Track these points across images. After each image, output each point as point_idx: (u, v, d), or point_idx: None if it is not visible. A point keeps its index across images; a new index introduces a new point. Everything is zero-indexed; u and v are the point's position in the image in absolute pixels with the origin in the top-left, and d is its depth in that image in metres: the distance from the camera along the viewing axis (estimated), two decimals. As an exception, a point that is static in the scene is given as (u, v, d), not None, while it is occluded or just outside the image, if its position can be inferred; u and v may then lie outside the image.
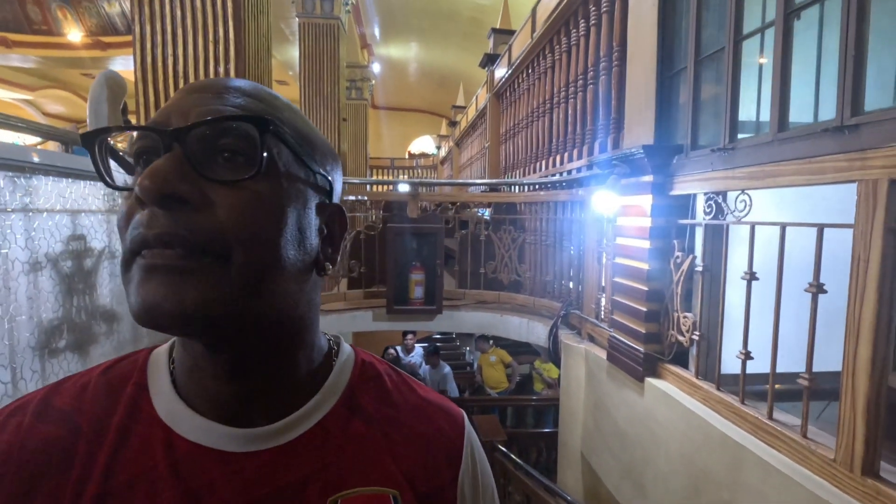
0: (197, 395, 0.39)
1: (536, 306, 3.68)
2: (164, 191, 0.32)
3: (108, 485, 0.35)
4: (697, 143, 1.89)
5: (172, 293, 0.32)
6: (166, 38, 2.48)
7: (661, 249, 2.06)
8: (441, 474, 0.45)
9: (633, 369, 2.19)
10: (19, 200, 1.45)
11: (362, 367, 0.47)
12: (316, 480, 0.39)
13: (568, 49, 3.56)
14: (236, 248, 0.34)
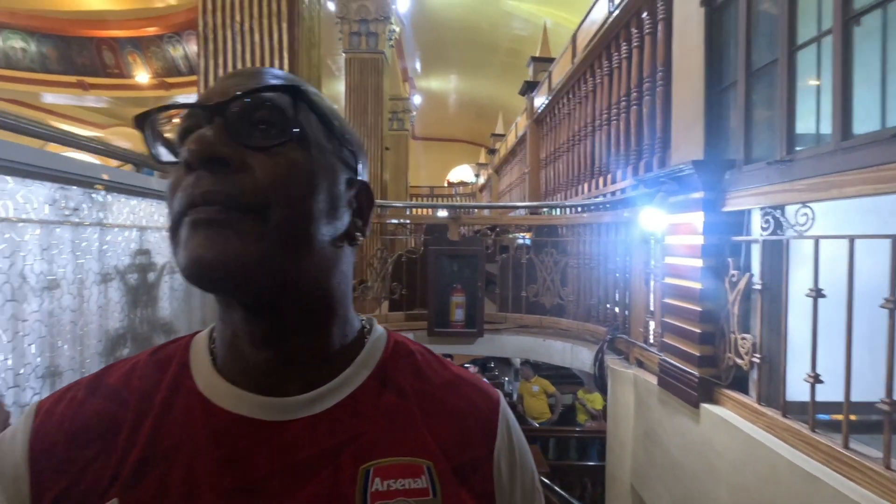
0: (234, 367, 0.41)
1: (580, 331, 3.58)
2: (207, 153, 0.36)
3: (152, 450, 0.38)
4: (751, 156, 1.84)
5: (215, 245, 0.35)
6: (227, 71, 2.66)
7: (714, 268, 1.98)
8: (476, 448, 0.44)
9: (687, 395, 2.08)
10: (95, 215, 1.56)
11: (395, 346, 0.48)
12: (348, 449, 0.40)
13: (609, 72, 3.57)
14: (273, 206, 0.37)
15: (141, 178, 1.82)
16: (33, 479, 0.37)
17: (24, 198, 1.29)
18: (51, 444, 0.38)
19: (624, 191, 3.18)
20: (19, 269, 1.27)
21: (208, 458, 0.38)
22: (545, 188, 5.48)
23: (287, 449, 0.39)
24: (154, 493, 0.36)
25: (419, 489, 0.40)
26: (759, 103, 1.83)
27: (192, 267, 0.35)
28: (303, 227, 0.39)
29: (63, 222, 1.42)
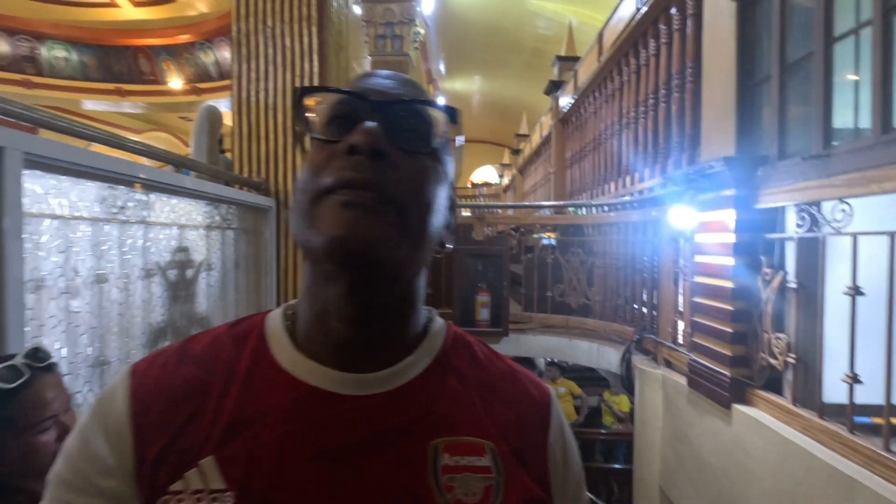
0: (315, 343, 0.44)
1: (607, 331, 3.54)
2: (376, 146, 0.39)
3: (239, 415, 0.41)
4: (785, 152, 1.80)
5: (366, 226, 0.38)
6: (259, 74, 2.74)
7: (746, 266, 1.94)
8: (532, 434, 0.47)
9: (718, 395, 2.05)
10: (139, 213, 1.63)
11: (454, 336, 0.51)
12: (418, 425, 0.43)
13: (637, 70, 3.53)
14: (411, 206, 0.41)
15: (179, 177, 1.90)
16: (135, 435, 0.40)
17: (76, 196, 1.36)
18: (149, 404, 0.41)
19: (651, 189, 3.14)
20: (72, 263, 1.34)
21: (292, 425, 0.40)
22: (571, 188, 5.43)
23: (365, 422, 0.41)
24: (245, 453, 0.39)
25: (483, 467, 0.42)
26: (793, 98, 1.79)
27: (338, 241, 0.38)
28: (427, 230, 0.43)
29: (111, 220, 1.50)
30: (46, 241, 1.27)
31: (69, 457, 0.41)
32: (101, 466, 0.40)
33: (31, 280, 1.21)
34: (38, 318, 1.23)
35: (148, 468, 0.39)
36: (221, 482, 0.37)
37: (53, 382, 0.93)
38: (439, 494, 0.40)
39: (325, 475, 0.39)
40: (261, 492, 0.38)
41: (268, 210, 2.69)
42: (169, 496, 0.37)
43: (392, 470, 0.40)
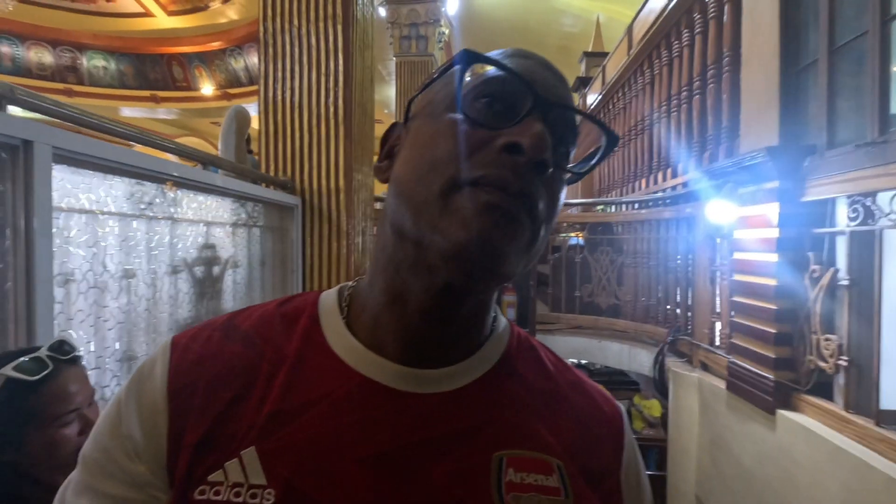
0: (376, 332, 0.40)
1: (638, 332, 3.43)
2: (546, 158, 0.34)
3: (285, 403, 0.37)
4: (835, 140, 1.68)
5: (503, 236, 0.34)
6: (286, 73, 2.76)
7: (791, 263, 1.83)
8: (605, 457, 0.42)
9: (761, 400, 1.93)
10: (166, 210, 1.64)
11: (518, 338, 0.46)
12: (482, 433, 0.38)
13: (669, 62, 3.41)
14: (545, 224, 0.37)
15: (207, 174, 1.91)
16: (171, 416, 0.37)
17: (105, 192, 1.38)
18: (190, 383, 0.38)
19: (686, 184, 3.02)
20: (101, 258, 1.35)
21: (343, 420, 0.36)
22: (599, 186, 5.31)
23: (424, 422, 0.37)
24: (289, 447, 0.35)
25: (552, 487, 0.37)
26: (844, 82, 1.67)
27: (472, 246, 0.33)
28: (546, 237, 0.39)
29: (139, 216, 1.51)
30: (75, 236, 1.28)
31: (99, 433, 0.38)
32: (131, 448, 0.36)
33: (59, 274, 1.22)
34: (66, 313, 1.24)
35: (185, 454, 0.35)
36: (262, 477, 0.34)
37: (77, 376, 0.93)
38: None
39: (376, 479, 0.35)
40: (304, 492, 0.34)
41: (293, 208, 2.70)
42: (206, 486, 0.34)
43: (452, 480, 0.36)
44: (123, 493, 0.36)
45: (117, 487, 0.36)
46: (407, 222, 0.36)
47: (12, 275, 1.09)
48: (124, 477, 0.36)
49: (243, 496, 0.33)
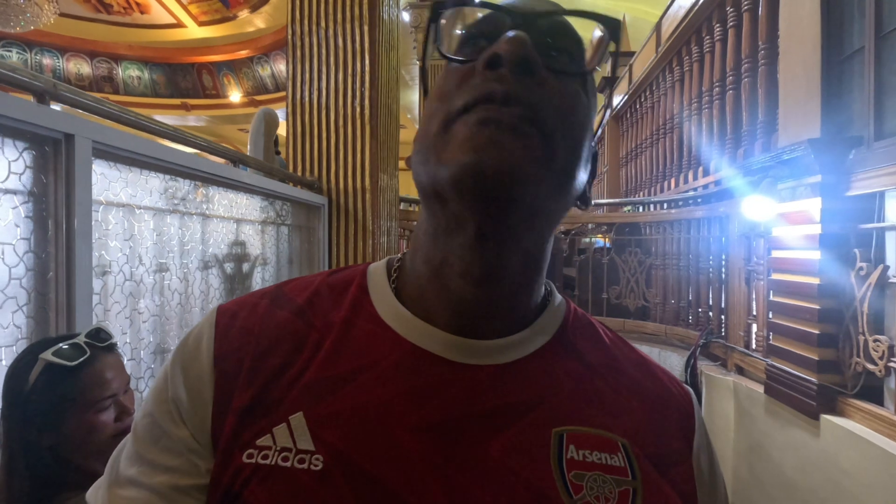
0: (426, 301, 0.38)
1: (668, 335, 3.33)
2: (525, 54, 0.32)
3: (334, 370, 0.36)
4: (883, 131, 1.60)
5: (507, 149, 0.31)
6: (313, 75, 2.79)
7: (836, 260, 1.75)
8: (674, 441, 0.39)
9: (803, 405, 1.85)
10: (199, 206, 1.67)
11: (575, 314, 0.44)
12: (540, 408, 0.36)
13: (700, 57, 3.33)
14: (558, 135, 0.33)
15: (239, 172, 1.93)
16: (217, 381, 0.36)
17: (142, 187, 1.40)
18: (236, 348, 0.37)
19: (719, 182, 2.93)
20: (137, 252, 1.38)
21: (393, 388, 0.35)
22: (625, 187, 5.21)
23: (475, 394, 0.35)
24: (338, 413, 0.34)
25: (617, 467, 0.35)
26: (893, 69, 1.60)
27: (471, 167, 0.31)
28: (574, 168, 0.35)
29: (173, 211, 1.53)
30: (113, 229, 1.31)
31: (146, 402, 0.38)
32: (175, 411, 0.36)
33: (96, 266, 1.24)
34: (103, 304, 1.26)
35: (231, 418, 0.34)
36: (310, 443, 0.33)
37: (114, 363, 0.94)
38: (566, 494, 0.33)
39: (428, 449, 0.33)
40: (353, 459, 0.32)
41: (320, 207, 2.72)
42: (254, 450, 0.33)
43: (510, 454, 0.34)
44: (165, 460, 0.35)
45: (161, 454, 0.35)
46: (422, 174, 0.35)
47: (53, 265, 1.12)
48: (167, 442, 0.35)
49: (291, 461, 0.32)
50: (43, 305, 1.09)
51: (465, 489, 0.32)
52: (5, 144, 1.01)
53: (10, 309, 1.02)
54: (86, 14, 10.57)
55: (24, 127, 1.02)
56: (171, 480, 0.34)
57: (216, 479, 0.34)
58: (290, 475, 0.32)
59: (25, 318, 1.06)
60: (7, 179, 1.02)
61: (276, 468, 0.32)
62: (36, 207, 1.09)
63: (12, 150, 1.03)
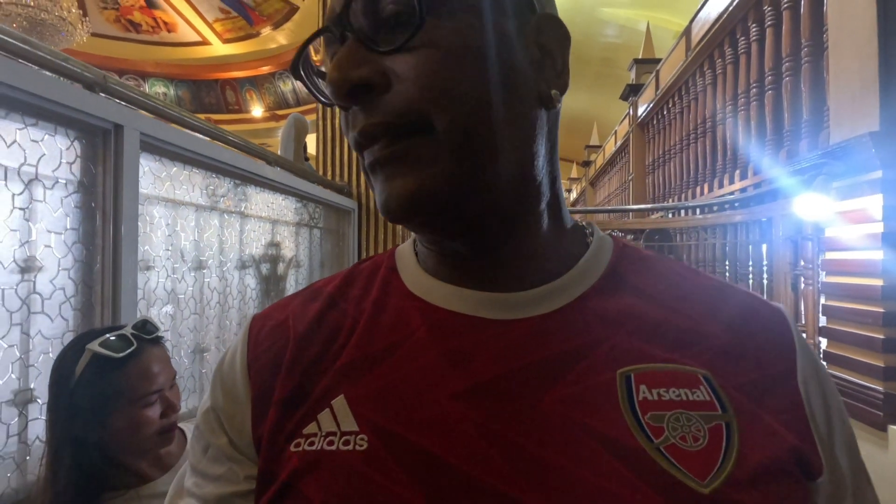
0: (445, 271, 0.37)
1: (706, 344, 3.21)
2: (341, 84, 0.30)
3: (370, 348, 0.35)
4: (954, 121, 1.51)
5: (395, 185, 0.31)
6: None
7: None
8: (771, 365, 0.33)
9: (867, 415, 1.73)
10: (237, 204, 1.65)
11: (625, 248, 0.39)
12: (597, 351, 0.32)
13: (734, 59, 3.26)
14: (435, 114, 0.30)
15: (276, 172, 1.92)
16: (253, 379, 0.36)
17: (184, 182, 1.39)
18: (269, 346, 0.37)
19: (759, 185, 2.83)
20: (178, 246, 1.35)
21: (430, 356, 0.33)
22: (652, 194, 5.11)
23: (519, 348, 0.32)
24: (377, 390, 0.32)
25: (702, 402, 0.30)
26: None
27: (384, 212, 0.32)
28: (477, 121, 0.31)
29: (213, 208, 1.51)
30: (157, 224, 1.29)
31: (197, 417, 0.39)
32: (214, 419, 0.37)
33: (141, 260, 1.22)
34: (147, 298, 1.23)
35: (274, 411, 0.34)
36: (354, 423, 0.31)
37: (160, 356, 0.91)
38: (644, 439, 0.28)
39: (475, 412, 0.30)
40: (396, 433, 0.30)
41: (350, 212, 2.70)
42: (301, 439, 0.32)
43: (568, 405, 0.30)
44: (212, 470, 0.36)
45: (209, 465, 0.36)
46: None
47: (100, 258, 1.09)
48: (213, 452, 0.36)
49: (336, 444, 0.31)
50: (89, 298, 1.07)
51: (522, 447, 0.29)
52: (58, 132, 1.00)
53: (59, 300, 1.00)
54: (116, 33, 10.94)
55: (77, 115, 1.01)
56: (217, 490, 0.35)
57: (266, 473, 0.33)
58: (336, 458, 0.30)
59: (72, 310, 1.03)
60: (59, 168, 1.01)
61: (322, 453, 0.31)
62: (85, 198, 1.07)
63: (64, 139, 1.02)
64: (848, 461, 0.34)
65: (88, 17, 8.38)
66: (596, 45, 9.20)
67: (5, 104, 0.89)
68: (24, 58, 0.95)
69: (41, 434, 0.96)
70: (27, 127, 0.94)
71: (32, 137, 0.95)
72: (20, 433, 0.91)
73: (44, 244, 0.97)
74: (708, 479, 0.27)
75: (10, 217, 0.91)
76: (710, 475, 0.27)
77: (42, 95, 0.92)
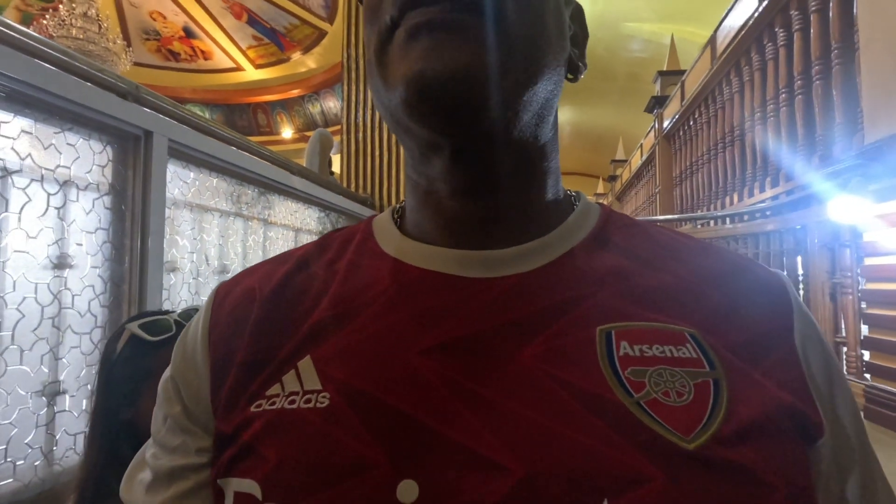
0: (427, 227, 0.35)
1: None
2: None
3: (339, 308, 0.33)
4: None
5: (444, 53, 0.28)
6: (367, 95, 2.87)
7: (949, 263, 1.55)
8: (764, 323, 0.31)
9: (917, 429, 1.62)
10: (262, 211, 1.69)
11: (612, 213, 0.38)
12: (578, 308, 0.30)
13: (762, 66, 3.19)
14: (508, 7, 0.29)
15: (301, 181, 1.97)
16: (214, 346, 0.34)
17: (209, 188, 1.43)
18: (232, 310, 0.35)
19: (791, 192, 2.74)
20: (203, 250, 1.40)
21: (401, 314, 0.32)
22: (680, 206, 5.01)
23: (497, 307, 0.31)
24: (343, 349, 0.31)
25: (687, 359, 0.28)
26: None
27: (414, 83, 0.28)
28: (538, 41, 0.30)
29: (237, 214, 1.56)
30: (182, 228, 1.33)
31: (159, 388, 0.37)
32: (173, 389, 0.35)
33: (167, 261, 1.26)
34: (171, 299, 1.27)
35: (235, 372, 0.32)
36: (318, 382, 0.30)
37: None
38: (623, 393, 0.27)
39: (445, 368, 0.29)
40: (360, 389, 0.29)
41: (373, 223, 2.74)
42: (263, 400, 0.31)
43: (546, 360, 0.28)
44: (166, 440, 0.35)
45: (165, 435, 0.35)
46: (380, 107, 0.33)
47: (128, 258, 1.13)
48: (170, 422, 0.35)
49: (298, 403, 0.30)
50: (117, 296, 1.11)
51: (496, 402, 0.27)
52: (92, 137, 1.05)
53: (88, 297, 1.04)
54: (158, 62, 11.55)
55: (109, 121, 1.06)
56: (170, 462, 0.33)
57: (223, 436, 0.31)
58: (295, 416, 0.29)
59: (101, 307, 1.07)
60: (91, 171, 1.06)
61: (283, 412, 0.29)
62: (115, 200, 1.12)
63: (97, 143, 1.07)
64: (853, 426, 0.31)
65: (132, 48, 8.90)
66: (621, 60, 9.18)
67: (45, 109, 0.94)
68: (64, 67, 1.01)
69: (68, 426, 0.99)
70: (63, 131, 0.99)
71: (68, 141, 1.00)
72: (48, 424, 0.94)
73: (75, 242, 1.01)
74: (693, 434, 0.25)
75: (46, 215, 0.96)
76: (695, 431, 0.25)
77: (78, 102, 0.97)
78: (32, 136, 0.94)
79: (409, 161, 0.36)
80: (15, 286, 0.90)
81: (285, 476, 0.27)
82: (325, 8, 9.75)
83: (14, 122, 0.91)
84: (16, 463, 0.89)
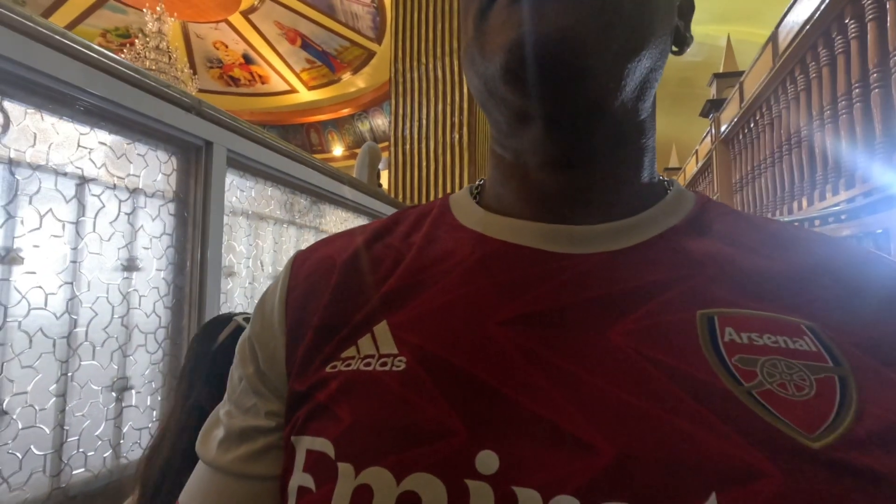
0: (511, 200, 0.34)
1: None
2: None
3: (417, 277, 0.33)
4: None
5: (548, 13, 0.26)
6: (413, 107, 2.92)
7: None
8: (891, 319, 0.27)
9: None
10: (313, 220, 1.74)
11: (708, 202, 0.35)
12: (673, 289, 0.28)
13: (830, 61, 2.99)
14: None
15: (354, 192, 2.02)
16: (291, 308, 0.35)
17: (265, 197, 1.49)
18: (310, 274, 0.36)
19: (869, 194, 2.53)
20: (259, 256, 1.45)
21: (480, 284, 0.31)
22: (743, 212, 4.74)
23: (581, 283, 0.29)
24: (420, 315, 0.31)
25: (806, 352, 0.25)
26: None
27: (517, 49, 0.27)
28: (646, 6, 0.29)
29: (291, 222, 1.61)
30: (239, 234, 1.39)
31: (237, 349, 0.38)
32: (250, 350, 0.36)
33: (225, 266, 1.31)
34: (229, 303, 1.32)
35: (311, 335, 0.33)
36: (394, 347, 0.30)
37: None
38: (731, 380, 0.24)
39: (526, 339, 0.28)
40: (437, 355, 0.28)
41: (420, 233, 2.77)
42: (338, 361, 0.31)
43: (638, 340, 0.26)
44: (241, 400, 0.35)
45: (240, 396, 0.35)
46: (473, 79, 0.32)
47: (189, 262, 1.19)
48: (245, 383, 0.35)
49: (373, 365, 0.29)
50: (179, 298, 1.16)
51: (581, 378, 0.25)
52: (158, 147, 1.12)
53: (153, 298, 1.09)
54: (220, 88, 12.34)
55: (174, 133, 1.13)
56: (242, 423, 0.34)
57: (298, 395, 0.32)
58: (371, 378, 0.29)
59: (164, 308, 1.13)
60: (157, 180, 1.12)
61: (358, 373, 0.29)
62: (178, 207, 1.18)
63: (164, 154, 1.14)
64: None
65: (197, 75, 9.56)
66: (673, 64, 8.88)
67: (118, 122, 1.01)
68: (135, 84, 1.08)
69: (134, 421, 1.04)
70: (133, 143, 1.06)
71: (138, 152, 1.07)
72: (116, 418, 0.99)
73: (142, 247, 1.07)
74: (818, 432, 0.22)
75: (117, 220, 1.02)
76: (821, 429, 0.22)
77: (147, 114, 1.04)
78: (107, 147, 1.01)
79: (494, 136, 0.35)
80: (90, 286, 0.96)
81: (359, 437, 0.27)
82: (373, 29, 10.11)
83: (91, 135, 0.98)
84: (87, 454, 0.94)
